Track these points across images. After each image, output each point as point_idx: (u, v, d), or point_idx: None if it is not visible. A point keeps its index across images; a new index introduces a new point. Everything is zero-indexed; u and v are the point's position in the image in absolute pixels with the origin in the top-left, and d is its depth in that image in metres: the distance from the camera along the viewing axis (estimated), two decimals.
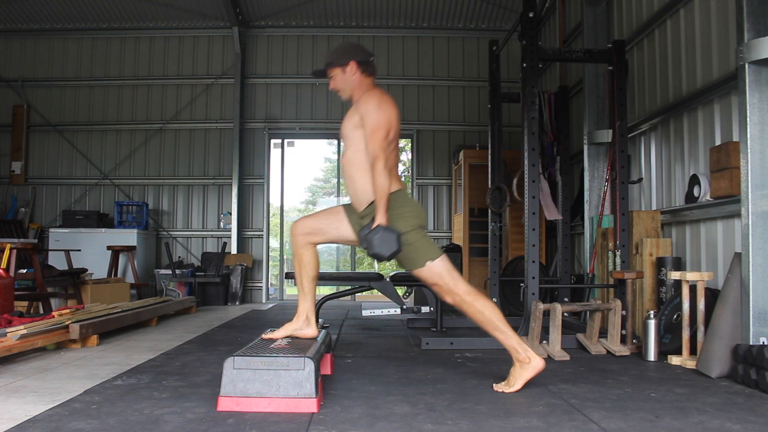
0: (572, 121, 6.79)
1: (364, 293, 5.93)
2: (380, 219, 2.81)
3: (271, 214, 9.78)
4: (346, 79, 3.11)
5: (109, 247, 7.87)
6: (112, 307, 5.30)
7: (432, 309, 5.90)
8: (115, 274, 7.83)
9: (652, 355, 3.81)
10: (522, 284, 5.05)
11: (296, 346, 2.87)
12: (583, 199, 5.91)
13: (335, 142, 9.34)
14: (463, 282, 2.96)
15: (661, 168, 5.07)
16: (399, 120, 3.05)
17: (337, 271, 10.70)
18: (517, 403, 2.69)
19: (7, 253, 5.19)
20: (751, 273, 3.20)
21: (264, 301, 8.98)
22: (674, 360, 3.68)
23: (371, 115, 2.92)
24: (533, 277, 4.42)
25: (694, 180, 4.38)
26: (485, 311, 2.92)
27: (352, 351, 4.18)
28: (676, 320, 3.92)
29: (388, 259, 2.81)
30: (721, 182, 3.93)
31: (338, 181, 11.25)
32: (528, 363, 2.88)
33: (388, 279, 5.89)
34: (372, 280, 5.38)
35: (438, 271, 2.93)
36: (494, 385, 2.95)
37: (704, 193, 4.25)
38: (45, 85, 9.22)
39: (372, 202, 2.95)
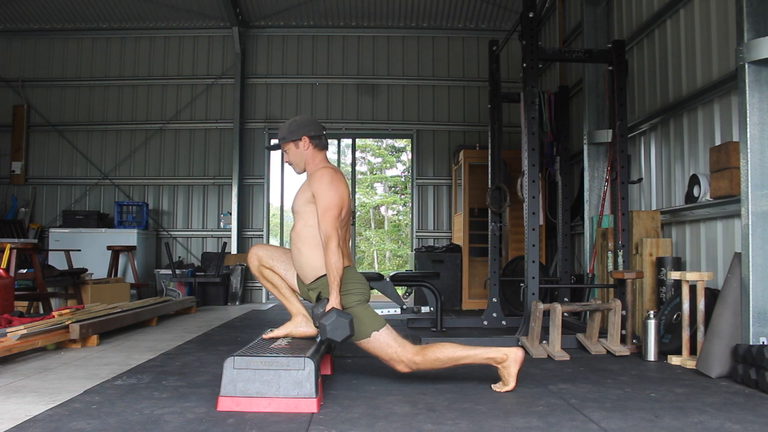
0: (572, 121, 6.79)
1: None
2: (333, 301, 2.84)
3: (271, 214, 9.79)
4: (299, 153, 3.16)
5: (109, 247, 7.87)
6: (112, 307, 5.30)
7: (432, 309, 5.90)
8: (115, 274, 7.83)
9: (652, 355, 3.81)
10: (522, 284, 5.05)
11: (296, 346, 2.87)
12: (583, 199, 5.91)
13: (335, 141, 9.33)
14: (409, 345, 2.97)
15: (661, 168, 5.07)
16: (350, 197, 3.11)
17: None
18: (517, 403, 2.69)
19: (7, 253, 5.19)
20: (751, 273, 3.20)
21: (264, 301, 8.98)
22: (674, 360, 3.68)
23: (324, 195, 2.96)
24: (533, 277, 4.42)
25: (694, 180, 4.38)
26: (439, 355, 2.93)
27: (352, 351, 4.17)
28: (676, 320, 3.92)
29: (341, 343, 2.84)
30: (721, 182, 3.93)
31: None
32: (507, 359, 2.90)
33: (388, 279, 5.89)
34: (372, 280, 5.37)
35: (385, 340, 2.95)
36: (493, 385, 2.96)
37: (704, 193, 4.25)
38: (45, 85, 9.22)
39: (319, 278, 3.02)
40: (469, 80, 9.21)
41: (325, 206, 2.94)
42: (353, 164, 10.14)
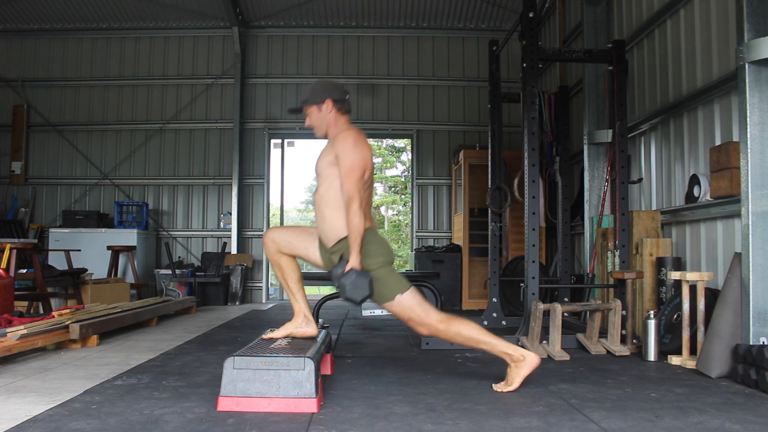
0: (572, 121, 6.79)
1: None
2: (354, 262, 2.84)
3: (271, 214, 9.78)
4: (322, 116, 3.15)
5: (109, 247, 7.87)
6: (112, 307, 5.30)
7: None
8: (115, 274, 7.83)
9: (652, 355, 3.81)
10: (522, 284, 5.05)
11: (296, 346, 2.87)
12: (583, 199, 5.91)
13: None
14: (434, 311, 2.98)
15: (661, 168, 5.07)
16: (373, 160, 3.08)
17: None
18: (517, 403, 2.69)
19: (7, 253, 5.19)
20: (751, 273, 3.20)
21: (264, 301, 8.98)
22: (674, 360, 3.68)
23: (347, 156, 2.95)
24: (533, 277, 4.42)
25: (694, 180, 4.38)
26: (462, 331, 2.95)
27: (352, 351, 4.18)
28: (676, 320, 3.92)
29: (360, 303, 2.83)
30: (721, 182, 3.93)
31: None
32: (523, 360, 2.89)
33: None
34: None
35: (408, 303, 2.95)
36: (494, 385, 2.96)
37: (704, 193, 4.25)
38: (45, 85, 9.22)
39: (341, 240, 2.99)
40: (469, 80, 9.21)
41: (348, 167, 2.92)
42: None
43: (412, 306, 2.95)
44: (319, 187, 3.09)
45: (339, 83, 3.27)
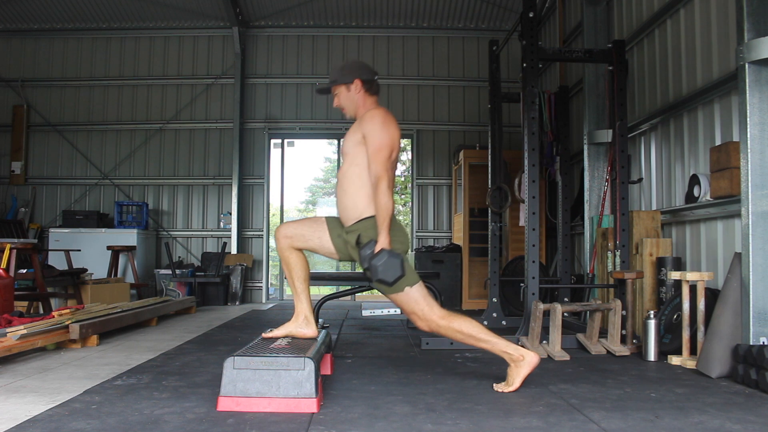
0: (572, 121, 6.79)
1: (364, 293, 5.93)
2: (383, 242, 2.82)
3: (271, 214, 9.78)
4: (351, 96, 3.14)
5: (109, 247, 7.87)
6: (112, 307, 5.30)
7: None
8: (115, 274, 7.83)
9: (652, 355, 3.81)
10: (522, 284, 5.05)
11: (296, 346, 2.87)
12: (583, 199, 5.91)
13: (335, 142, 9.34)
14: (437, 307, 2.98)
15: (661, 168, 5.07)
16: (400, 140, 3.06)
17: (336, 271, 10.70)
18: (517, 403, 2.69)
19: (7, 253, 5.19)
20: (751, 273, 3.20)
21: (264, 301, 8.98)
22: (674, 360, 3.68)
23: (376, 135, 2.93)
24: (533, 277, 4.42)
25: (694, 180, 4.38)
26: (462, 328, 2.94)
27: (352, 351, 4.18)
28: (676, 320, 3.92)
29: (392, 284, 2.81)
30: (721, 182, 3.93)
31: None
32: (523, 360, 2.89)
33: None
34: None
35: (415, 296, 2.95)
36: (494, 385, 2.96)
37: (704, 193, 4.25)
38: (45, 85, 9.22)
39: (361, 220, 2.96)
40: (469, 80, 9.21)
41: (377, 146, 2.91)
42: None
43: (417, 299, 2.94)
44: (343, 164, 3.07)
45: (367, 63, 3.24)
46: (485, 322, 5.65)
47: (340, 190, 3.05)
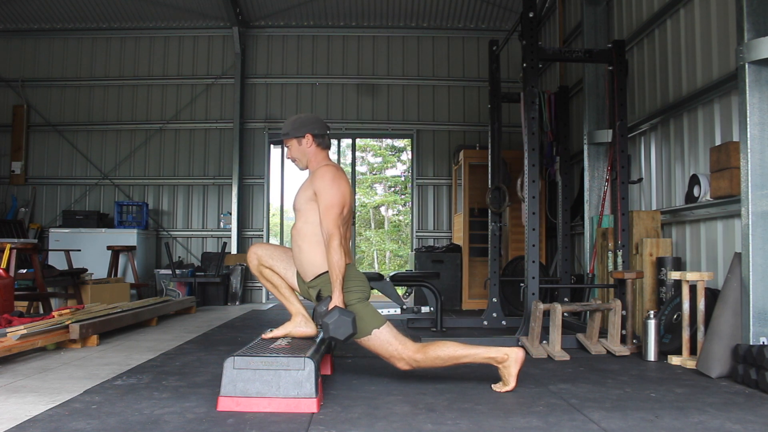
0: (572, 121, 6.79)
1: None
2: (336, 300, 2.85)
3: (271, 214, 9.78)
4: (302, 150, 3.17)
5: (109, 247, 7.87)
6: (112, 307, 5.30)
7: (432, 309, 5.90)
8: (115, 274, 7.83)
9: (652, 355, 3.81)
10: (522, 284, 5.05)
11: (296, 346, 2.87)
12: (583, 199, 5.91)
13: (335, 141, 9.32)
14: (410, 342, 2.99)
15: (661, 168, 5.07)
16: (351, 195, 3.10)
17: None
18: (517, 403, 2.69)
19: (7, 253, 5.19)
20: (751, 273, 3.20)
21: (264, 301, 8.98)
22: (674, 360, 3.68)
23: (326, 192, 2.96)
24: (533, 277, 4.42)
25: (694, 180, 4.38)
26: (440, 353, 2.94)
27: (352, 351, 4.17)
28: (676, 320, 3.92)
29: (344, 342, 2.83)
30: (721, 182, 3.93)
31: None
32: (508, 359, 2.90)
33: (388, 279, 5.89)
34: (372, 280, 5.37)
35: (386, 337, 2.96)
36: (493, 385, 2.96)
37: (704, 193, 4.25)
38: (45, 85, 9.22)
39: (319, 276, 3.01)
40: (469, 80, 9.21)
41: (327, 204, 2.94)
42: (353, 164, 10.13)
43: (389, 340, 2.96)
44: (296, 221, 3.10)
45: (321, 118, 3.29)
46: (485, 322, 5.66)
47: (296, 247, 3.08)
